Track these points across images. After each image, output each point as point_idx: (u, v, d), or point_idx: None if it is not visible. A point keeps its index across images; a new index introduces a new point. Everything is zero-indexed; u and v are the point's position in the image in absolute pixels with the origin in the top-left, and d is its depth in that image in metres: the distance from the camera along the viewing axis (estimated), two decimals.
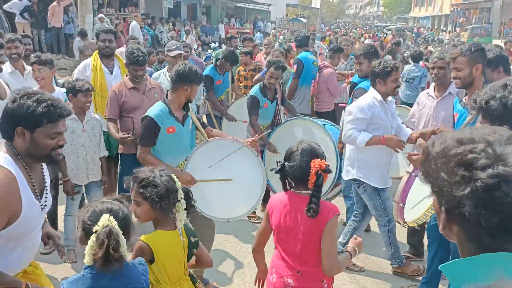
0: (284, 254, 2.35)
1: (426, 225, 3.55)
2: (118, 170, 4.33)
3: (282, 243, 2.36)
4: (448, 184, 0.96)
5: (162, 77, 5.20)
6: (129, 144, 3.92)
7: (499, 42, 25.02)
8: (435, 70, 3.91)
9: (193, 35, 18.91)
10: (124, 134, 3.84)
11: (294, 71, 6.20)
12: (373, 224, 4.86)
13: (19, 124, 1.97)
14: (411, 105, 4.85)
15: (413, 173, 3.16)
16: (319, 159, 2.26)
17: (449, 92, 3.94)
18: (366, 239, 4.54)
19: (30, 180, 2.03)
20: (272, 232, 2.42)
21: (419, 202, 3.13)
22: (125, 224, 1.83)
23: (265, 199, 3.89)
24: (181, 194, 2.23)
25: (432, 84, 4.11)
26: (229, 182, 3.34)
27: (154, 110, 3.38)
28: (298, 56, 6.32)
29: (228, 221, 3.56)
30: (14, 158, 1.99)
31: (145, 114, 3.39)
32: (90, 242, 1.74)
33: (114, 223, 1.75)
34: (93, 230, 1.74)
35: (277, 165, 2.37)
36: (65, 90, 4.11)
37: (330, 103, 6.47)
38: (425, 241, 4.11)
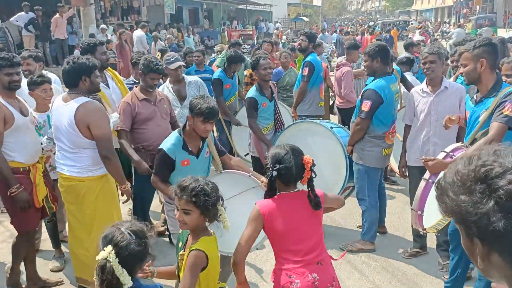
0: (297, 256, 2.36)
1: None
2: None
3: (292, 246, 2.38)
4: (471, 204, 0.91)
5: (166, 90, 5.11)
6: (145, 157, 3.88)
7: (504, 32, 24.80)
8: (426, 65, 3.90)
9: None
10: (148, 169, 3.85)
11: (305, 74, 6.00)
12: (390, 226, 4.81)
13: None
14: None
15: (430, 180, 3.09)
16: (305, 156, 2.44)
17: (445, 87, 3.91)
18: (383, 242, 4.52)
19: None
20: (273, 241, 2.44)
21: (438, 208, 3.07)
22: (126, 260, 1.79)
23: None
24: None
25: (424, 80, 4.07)
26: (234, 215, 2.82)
27: (168, 143, 3.24)
28: (308, 59, 6.07)
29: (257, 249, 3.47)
30: None
31: (160, 146, 3.28)
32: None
33: (112, 257, 1.76)
34: (96, 258, 1.81)
35: (271, 172, 2.38)
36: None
37: (354, 98, 6.34)
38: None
